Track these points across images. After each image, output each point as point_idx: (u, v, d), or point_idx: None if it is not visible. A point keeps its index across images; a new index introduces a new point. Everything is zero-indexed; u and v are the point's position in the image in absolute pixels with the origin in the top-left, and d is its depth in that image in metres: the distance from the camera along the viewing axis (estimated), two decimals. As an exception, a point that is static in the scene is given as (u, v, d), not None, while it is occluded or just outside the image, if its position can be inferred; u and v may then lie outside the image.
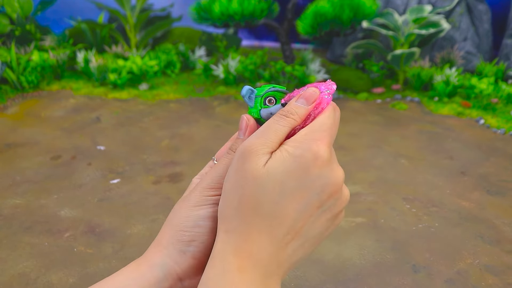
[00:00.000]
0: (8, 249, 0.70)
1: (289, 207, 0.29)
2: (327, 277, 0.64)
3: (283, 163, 0.29)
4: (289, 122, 0.29)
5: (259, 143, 0.29)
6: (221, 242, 0.28)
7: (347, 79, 1.73)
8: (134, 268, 0.32)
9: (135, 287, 0.30)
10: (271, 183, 0.29)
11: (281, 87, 0.33)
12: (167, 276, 0.31)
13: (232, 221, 0.28)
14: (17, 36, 1.91)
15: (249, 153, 0.29)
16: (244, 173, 0.29)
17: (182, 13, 2.23)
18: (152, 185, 0.93)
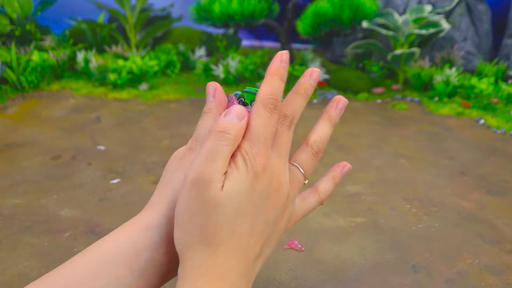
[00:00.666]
0: (8, 249, 0.70)
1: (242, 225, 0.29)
2: (327, 277, 0.64)
3: (236, 183, 0.29)
4: (230, 140, 0.29)
5: (212, 170, 0.28)
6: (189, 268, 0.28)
7: (347, 79, 1.73)
8: (129, 230, 0.31)
9: (132, 251, 0.30)
10: (229, 206, 0.29)
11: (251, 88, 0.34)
12: (164, 238, 0.31)
13: (197, 249, 0.28)
14: (17, 36, 1.91)
15: (205, 182, 0.28)
16: (205, 203, 0.28)
17: (182, 13, 2.23)
18: (152, 185, 0.93)
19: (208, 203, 0.28)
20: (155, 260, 0.30)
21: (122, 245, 0.30)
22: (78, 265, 0.29)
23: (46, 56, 1.74)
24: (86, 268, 0.29)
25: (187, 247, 0.28)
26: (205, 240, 0.28)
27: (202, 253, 0.28)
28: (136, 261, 0.29)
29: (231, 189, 0.28)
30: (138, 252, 0.30)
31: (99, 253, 0.30)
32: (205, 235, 0.28)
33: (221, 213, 0.28)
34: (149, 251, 0.30)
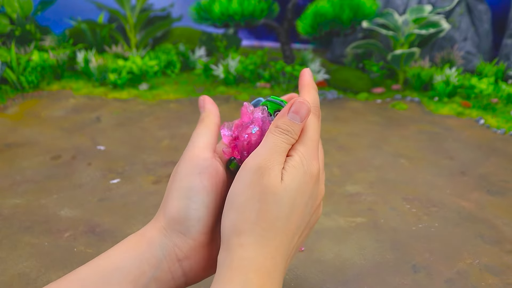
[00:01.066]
0: (8, 249, 0.70)
1: (294, 222, 0.30)
2: (327, 277, 0.64)
3: (294, 180, 0.30)
4: (289, 140, 0.31)
5: (274, 161, 0.30)
6: (239, 258, 0.28)
7: (347, 79, 1.73)
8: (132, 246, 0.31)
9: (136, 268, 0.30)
10: (287, 199, 0.29)
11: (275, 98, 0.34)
12: (167, 256, 0.31)
13: (250, 236, 0.28)
14: (17, 36, 1.91)
15: (266, 169, 0.29)
16: (264, 188, 0.29)
17: (182, 13, 2.23)
18: (152, 185, 0.93)
19: (267, 190, 0.29)
20: (158, 279, 0.30)
21: (127, 261, 0.30)
22: (80, 278, 0.29)
23: (46, 56, 1.74)
24: (89, 282, 0.29)
25: (238, 232, 0.28)
26: (259, 229, 0.28)
27: (254, 243, 0.28)
28: (140, 278, 0.30)
29: (289, 183, 0.29)
30: (142, 270, 0.30)
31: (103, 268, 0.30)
32: (260, 223, 0.28)
33: (278, 203, 0.29)
34: (153, 269, 0.30)
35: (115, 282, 0.29)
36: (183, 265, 0.31)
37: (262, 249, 0.28)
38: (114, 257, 0.30)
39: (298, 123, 0.31)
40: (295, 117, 0.31)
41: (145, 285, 0.29)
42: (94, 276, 0.29)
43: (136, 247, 0.31)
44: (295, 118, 0.31)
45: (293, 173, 0.30)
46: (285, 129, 0.31)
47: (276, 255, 0.28)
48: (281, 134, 0.31)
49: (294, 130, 0.31)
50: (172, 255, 0.30)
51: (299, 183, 0.30)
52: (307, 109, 0.31)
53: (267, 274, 0.27)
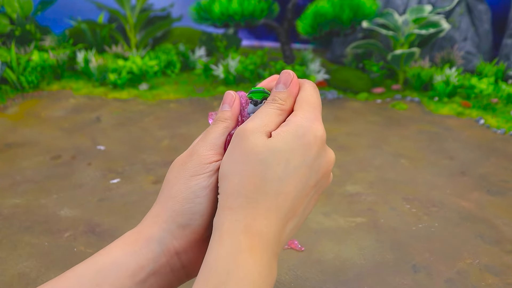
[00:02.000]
0: (8, 249, 0.70)
1: (292, 185, 0.29)
2: (327, 277, 0.64)
3: (287, 142, 0.29)
4: (277, 106, 0.31)
5: (256, 124, 0.30)
6: (229, 221, 0.28)
7: (347, 79, 1.73)
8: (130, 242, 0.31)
9: (134, 263, 0.30)
10: (275, 159, 0.29)
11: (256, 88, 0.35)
12: (165, 251, 0.31)
13: (237, 198, 0.28)
14: (17, 36, 1.91)
15: (247, 132, 0.29)
16: (244, 150, 0.29)
17: (182, 13, 2.23)
18: (152, 185, 0.93)
19: (247, 151, 0.29)
20: (157, 272, 0.30)
21: (125, 256, 0.30)
22: (78, 275, 0.29)
23: (46, 56, 1.74)
24: (87, 278, 0.29)
25: (227, 195, 0.28)
26: (246, 190, 0.28)
27: (242, 205, 0.28)
28: (139, 273, 0.30)
29: (276, 143, 0.29)
30: (141, 265, 0.30)
31: (100, 263, 0.30)
32: (245, 184, 0.28)
33: (264, 164, 0.28)
34: (151, 263, 0.30)
35: (113, 277, 0.29)
36: (182, 259, 0.31)
37: (250, 211, 0.27)
38: (111, 253, 0.30)
39: (284, 90, 0.32)
40: (280, 86, 0.32)
41: (144, 279, 0.29)
42: (92, 272, 0.29)
43: (134, 243, 0.31)
44: (279, 87, 0.32)
45: (284, 135, 0.29)
46: (271, 99, 0.32)
47: (269, 216, 0.28)
48: (268, 103, 0.32)
49: (281, 96, 0.32)
50: (170, 249, 0.30)
51: (293, 144, 0.29)
52: (290, 76, 0.32)
53: (258, 235, 0.27)
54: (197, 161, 0.32)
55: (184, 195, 0.31)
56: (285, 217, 0.30)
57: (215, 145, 0.32)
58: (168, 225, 0.31)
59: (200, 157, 0.32)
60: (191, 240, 0.31)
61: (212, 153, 0.32)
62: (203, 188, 0.31)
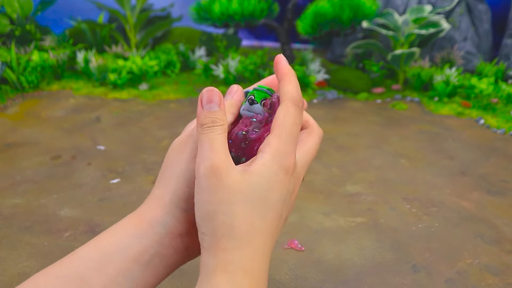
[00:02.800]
0: (8, 249, 0.70)
1: (271, 219, 0.29)
2: (327, 276, 0.64)
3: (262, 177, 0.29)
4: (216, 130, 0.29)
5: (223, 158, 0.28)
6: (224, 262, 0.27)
7: (347, 79, 1.73)
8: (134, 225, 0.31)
9: (138, 245, 0.30)
10: (256, 197, 0.28)
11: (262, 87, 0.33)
12: (169, 233, 0.31)
13: (231, 240, 0.28)
14: (17, 36, 1.91)
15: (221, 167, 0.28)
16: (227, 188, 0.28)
17: (182, 13, 2.23)
18: (152, 185, 0.93)
19: (230, 189, 0.28)
20: (161, 254, 0.30)
21: (129, 239, 0.30)
22: (81, 258, 0.29)
23: (46, 56, 1.74)
24: (91, 261, 0.29)
25: (217, 238, 0.28)
26: (238, 231, 0.27)
27: (237, 246, 0.27)
28: (143, 255, 0.30)
29: (255, 179, 0.28)
30: (145, 247, 0.30)
31: (104, 247, 0.29)
32: (237, 224, 0.28)
33: (247, 202, 0.28)
34: (155, 245, 0.30)
35: (118, 260, 0.29)
36: (185, 240, 0.31)
37: (245, 250, 0.27)
38: (115, 236, 0.30)
39: (217, 108, 0.30)
40: (210, 106, 0.30)
41: (148, 261, 0.30)
42: (97, 255, 0.29)
43: (138, 225, 0.30)
44: (211, 107, 0.30)
45: (261, 170, 0.28)
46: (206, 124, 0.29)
47: (260, 253, 0.28)
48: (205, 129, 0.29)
49: (216, 117, 0.30)
50: (173, 231, 0.30)
51: (270, 181, 0.28)
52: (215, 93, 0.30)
53: (255, 273, 0.27)
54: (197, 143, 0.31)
55: (185, 178, 0.31)
56: (269, 250, 0.30)
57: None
58: (170, 209, 0.31)
59: None
60: (194, 223, 0.31)
61: None
62: None
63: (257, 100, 0.33)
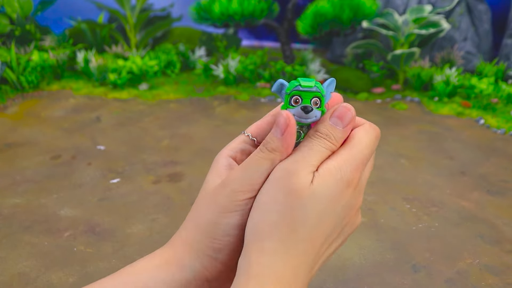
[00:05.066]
0: (8, 249, 0.70)
1: (322, 231, 0.28)
2: (327, 276, 0.64)
3: (327, 186, 0.28)
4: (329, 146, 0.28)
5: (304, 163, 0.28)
6: (257, 264, 0.27)
7: (347, 79, 1.73)
8: (163, 264, 0.31)
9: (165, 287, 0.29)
10: (314, 205, 0.28)
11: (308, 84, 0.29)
12: (197, 278, 0.30)
13: (270, 239, 0.27)
14: (17, 36, 1.91)
15: (294, 170, 0.27)
16: (289, 191, 0.27)
17: (182, 13, 2.23)
18: (152, 185, 0.93)
19: (292, 192, 0.27)
20: None
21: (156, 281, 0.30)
22: None
23: (46, 56, 1.74)
24: None
25: (258, 235, 0.27)
26: (280, 233, 0.27)
27: (275, 249, 0.27)
28: None
29: (319, 189, 0.27)
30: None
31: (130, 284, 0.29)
32: (282, 227, 0.27)
33: (303, 209, 0.27)
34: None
35: None
36: (212, 285, 0.31)
37: (281, 256, 0.26)
38: (142, 274, 0.29)
39: (340, 128, 0.29)
40: (337, 122, 0.29)
41: None
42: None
43: (166, 268, 0.30)
44: (337, 123, 0.29)
45: (326, 178, 0.27)
46: (324, 133, 0.28)
47: (298, 265, 0.27)
48: (319, 138, 0.28)
49: (334, 135, 0.29)
50: (202, 277, 0.30)
51: (332, 191, 0.27)
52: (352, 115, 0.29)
53: (287, 285, 0.26)
54: (230, 197, 0.29)
55: (214, 232, 0.30)
56: (311, 263, 0.29)
57: (253, 180, 0.29)
58: (198, 255, 0.31)
59: (233, 193, 0.29)
60: (221, 271, 0.31)
61: (247, 189, 0.29)
62: (234, 227, 0.30)
63: (306, 102, 0.29)
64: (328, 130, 0.28)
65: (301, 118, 0.29)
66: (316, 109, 0.29)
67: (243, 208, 0.29)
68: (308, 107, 0.29)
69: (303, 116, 0.29)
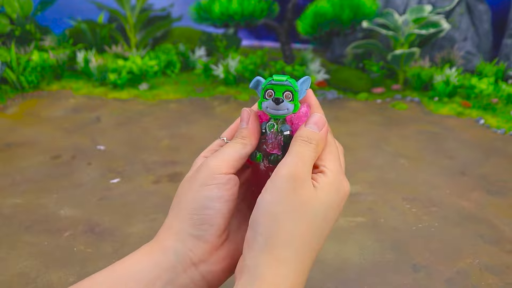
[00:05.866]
0: (8, 248, 0.70)
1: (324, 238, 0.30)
2: (327, 276, 0.64)
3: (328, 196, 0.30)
4: (314, 149, 0.31)
5: (305, 170, 0.29)
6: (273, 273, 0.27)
7: (347, 79, 1.73)
8: (146, 252, 0.32)
9: (149, 273, 0.30)
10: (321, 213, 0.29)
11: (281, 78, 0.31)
12: (181, 261, 0.31)
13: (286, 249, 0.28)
14: (17, 36, 1.91)
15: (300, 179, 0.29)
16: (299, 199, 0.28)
17: (182, 13, 2.23)
18: (152, 185, 0.93)
19: (305, 201, 0.28)
20: (175, 282, 0.31)
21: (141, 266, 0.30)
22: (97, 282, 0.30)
23: (46, 56, 1.74)
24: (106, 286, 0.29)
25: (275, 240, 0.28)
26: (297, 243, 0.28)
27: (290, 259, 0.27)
28: (155, 282, 0.30)
29: (323, 198, 0.29)
30: (158, 274, 0.30)
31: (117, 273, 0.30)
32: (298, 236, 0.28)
33: (315, 217, 0.28)
34: (168, 273, 0.30)
35: (131, 286, 0.29)
36: (200, 269, 0.31)
37: (296, 266, 0.27)
38: (128, 262, 0.31)
39: (318, 132, 0.32)
40: (314, 127, 0.32)
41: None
42: (110, 281, 0.29)
43: (150, 253, 0.31)
44: (314, 128, 0.32)
45: (326, 189, 0.29)
46: (307, 138, 0.31)
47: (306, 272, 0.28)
48: (305, 144, 0.31)
49: (316, 139, 0.31)
50: (186, 259, 0.31)
51: (332, 200, 0.30)
52: (324, 120, 0.33)
53: None
54: (206, 172, 0.32)
55: (193, 206, 0.31)
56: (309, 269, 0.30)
57: (228, 159, 0.32)
58: (180, 236, 0.31)
59: (209, 168, 0.32)
60: (206, 250, 0.31)
61: (223, 165, 0.31)
62: (213, 199, 0.31)
63: (278, 95, 0.31)
64: (308, 134, 0.31)
65: (273, 109, 0.32)
66: (289, 102, 0.31)
67: (220, 182, 0.31)
68: (279, 99, 0.31)
69: (274, 108, 0.31)
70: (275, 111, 0.32)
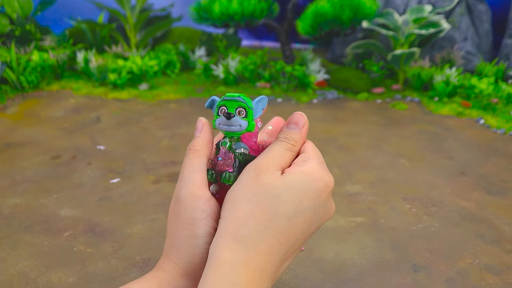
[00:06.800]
0: (8, 248, 0.70)
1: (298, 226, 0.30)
2: (327, 276, 0.64)
3: (299, 182, 0.30)
4: (288, 146, 0.32)
5: (270, 161, 0.30)
6: (230, 250, 0.27)
7: (347, 79, 1.73)
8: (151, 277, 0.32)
9: None
10: (289, 197, 0.29)
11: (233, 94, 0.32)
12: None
13: (244, 227, 0.28)
14: (17, 36, 1.91)
15: (262, 167, 0.30)
16: (260, 183, 0.29)
17: (182, 13, 2.23)
18: (152, 185, 0.93)
19: (264, 184, 0.29)
20: None
21: None
22: None
23: (46, 56, 1.74)
24: None
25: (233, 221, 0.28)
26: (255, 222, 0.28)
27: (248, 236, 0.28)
28: None
29: (290, 181, 0.29)
30: None
31: None
32: (256, 215, 0.28)
33: (278, 199, 0.28)
34: None
35: None
36: None
37: (254, 243, 0.27)
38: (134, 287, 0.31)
39: (296, 131, 0.32)
40: (294, 126, 0.33)
41: None
42: None
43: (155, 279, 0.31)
44: (293, 128, 0.33)
45: (300, 175, 0.30)
46: (283, 137, 0.32)
47: (271, 253, 0.28)
48: (279, 141, 0.32)
49: (293, 137, 0.32)
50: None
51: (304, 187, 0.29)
52: (305, 119, 0.33)
53: (257, 270, 0.27)
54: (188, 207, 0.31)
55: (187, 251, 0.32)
56: (283, 256, 0.30)
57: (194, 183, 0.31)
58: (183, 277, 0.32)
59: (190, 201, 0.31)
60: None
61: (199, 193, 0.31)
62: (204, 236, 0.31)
63: (231, 111, 0.31)
64: (286, 135, 0.32)
65: (225, 125, 0.31)
66: (242, 118, 0.31)
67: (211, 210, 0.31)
68: (230, 114, 0.31)
69: (226, 123, 0.31)
70: (227, 127, 0.31)
